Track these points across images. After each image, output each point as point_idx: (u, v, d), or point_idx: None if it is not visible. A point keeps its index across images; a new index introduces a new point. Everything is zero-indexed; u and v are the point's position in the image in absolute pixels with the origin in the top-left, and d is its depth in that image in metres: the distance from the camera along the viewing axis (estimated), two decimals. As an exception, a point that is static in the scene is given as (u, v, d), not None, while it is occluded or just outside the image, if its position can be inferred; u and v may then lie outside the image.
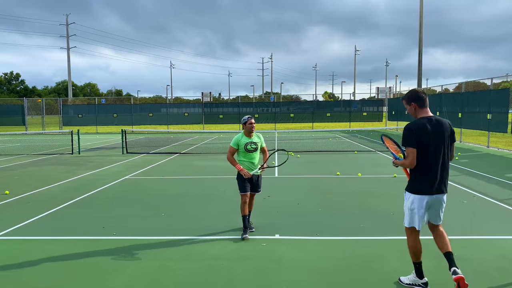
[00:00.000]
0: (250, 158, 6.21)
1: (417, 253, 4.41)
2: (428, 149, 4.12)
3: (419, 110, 4.25)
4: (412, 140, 4.09)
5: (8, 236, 6.33)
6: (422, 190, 4.23)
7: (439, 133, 4.16)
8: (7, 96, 76.64)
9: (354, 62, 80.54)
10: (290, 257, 5.29)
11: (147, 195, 9.10)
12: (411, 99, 4.26)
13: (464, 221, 6.88)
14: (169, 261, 5.19)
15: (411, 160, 4.11)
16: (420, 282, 4.41)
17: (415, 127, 4.13)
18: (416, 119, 4.24)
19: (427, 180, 4.19)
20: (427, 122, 4.16)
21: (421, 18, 28.81)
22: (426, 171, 4.16)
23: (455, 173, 11.45)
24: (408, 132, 4.13)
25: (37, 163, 14.90)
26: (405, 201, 4.45)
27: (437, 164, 4.18)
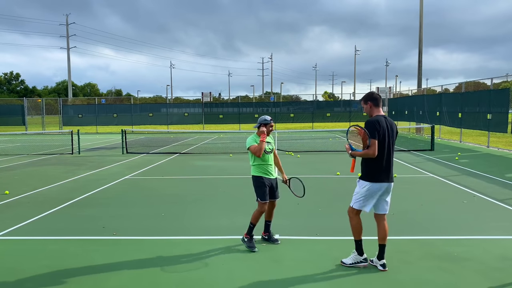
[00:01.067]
0: (267, 161, 5.63)
1: (359, 232, 4.94)
2: (384, 142, 4.69)
3: (374, 109, 4.84)
4: (375, 132, 4.63)
5: (8, 236, 6.33)
6: (379, 178, 4.72)
7: (391, 130, 4.78)
8: (7, 96, 76.67)
9: (354, 62, 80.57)
10: (290, 257, 5.29)
11: (147, 195, 9.10)
12: (368, 99, 4.87)
13: (464, 221, 6.87)
14: (169, 261, 5.19)
15: (374, 150, 4.62)
16: (361, 259, 4.90)
17: (377, 122, 4.69)
18: (375, 116, 4.79)
19: (384, 169, 4.72)
20: (383, 119, 4.76)
21: (421, 18, 28.81)
22: (383, 162, 4.70)
23: (455, 173, 11.45)
24: (372, 126, 4.66)
25: (37, 163, 14.90)
26: (358, 188, 4.89)
27: (390, 156, 4.77)
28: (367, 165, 4.77)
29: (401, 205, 7.95)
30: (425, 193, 9.01)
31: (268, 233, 5.89)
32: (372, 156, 4.63)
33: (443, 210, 7.54)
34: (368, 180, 4.76)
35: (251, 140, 5.64)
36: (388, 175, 4.75)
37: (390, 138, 4.75)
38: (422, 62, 29.40)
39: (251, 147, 5.57)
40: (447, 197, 8.56)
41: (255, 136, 5.70)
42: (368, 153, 4.64)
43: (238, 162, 14.32)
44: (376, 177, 4.71)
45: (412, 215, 7.18)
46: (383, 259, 4.82)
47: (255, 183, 5.65)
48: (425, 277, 4.61)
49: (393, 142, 4.81)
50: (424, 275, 4.66)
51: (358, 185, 4.90)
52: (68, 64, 57.81)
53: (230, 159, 15.46)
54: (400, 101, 33.12)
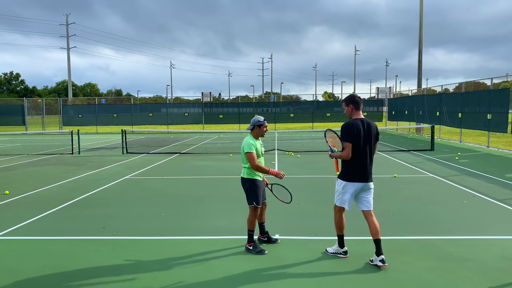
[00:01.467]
0: (261, 163, 5.50)
1: (341, 227, 5.25)
2: (360, 145, 4.92)
3: (355, 112, 5.07)
4: (349, 136, 4.89)
5: (8, 236, 6.33)
6: (353, 179, 5.00)
7: (368, 133, 5.00)
8: (7, 96, 76.66)
9: (354, 62, 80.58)
10: (290, 257, 5.29)
11: (147, 195, 9.10)
12: (349, 102, 5.07)
13: (464, 221, 6.87)
14: (169, 261, 5.19)
15: (348, 152, 4.90)
16: (341, 251, 5.27)
17: (352, 126, 4.92)
18: (351, 120, 5.04)
19: (358, 170, 4.98)
20: (360, 122, 4.97)
21: (421, 18, 28.81)
22: (358, 163, 4.97)
23: (455, 173, 11.45)
24: (347, 129, 4.93)
25: (37, 163, 14.90)
26: (336, 186, 5.19)
27: (366, 157, 5.01)
28: (344, 165, 5.07)
29: (401, 205, 7.96)
30: (425, 193, 9.01)
31: (266, 234, 5.85)
32: (346, 158, 4.93)
33: (443, 210, 7.54)
34: (343, 179, 5.07)
35: (250, 145, 5.40)
36: (363, 176, 5.00)
37: (367, 141, 4.98)
38: (422, 62, 29.41)
39: (252, 154, 5.35)
40: (447, 197, 8.55)
41: (252, 138, 5.51)
42: (342, 155, 4.96)
43: (238, 162, 14.29)
44: (350, 178, 5.00)
45: (412, 215, 7.17)
46: (382, 254, 4.90)
47: (250, 186, 5.47)
48: (425, 277, 4.61)
49: (372, 144, 5.04)
50: (424, 275, 4.66)
51: (336, 182, 5.20)
52: (68, 64, 57.85)
53: (230, 159, 15.47)
54: (400, 101, 33.11)
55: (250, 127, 5.59)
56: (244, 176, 5.52)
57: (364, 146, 4.95)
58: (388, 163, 13.90)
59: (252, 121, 5.58)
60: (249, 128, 5.61)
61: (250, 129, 5.59)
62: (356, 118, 5.04)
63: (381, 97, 38.36)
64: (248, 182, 5.49)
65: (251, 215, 5.54)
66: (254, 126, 5.54)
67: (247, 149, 5.38)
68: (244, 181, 5.55)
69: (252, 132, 5.57)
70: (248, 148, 5.38)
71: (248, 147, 5.39)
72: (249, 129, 5.61)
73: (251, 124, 5.58)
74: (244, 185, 5.57)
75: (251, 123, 5.57)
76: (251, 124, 5.58)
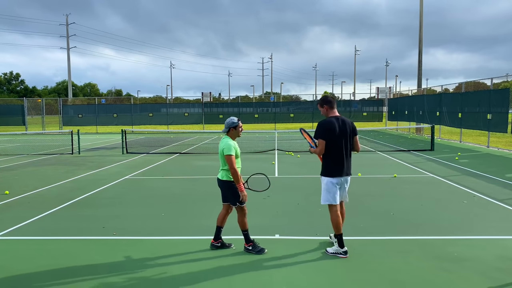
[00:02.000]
0: (238, 165, 5.42)
1: (338, 225, 5.33)
2: (336, 141, 5.24)
3: (330, 111, 5.41)
4: (322, 133, 5.22)
5: (8, 236, 6.33)
6: (334, 173, 5.31)
7: (343, 129, 5.32)
8: (7, 96, 76.66)
9: (354, 62, 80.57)
10: (290, 257, 5.29)
11: (147, 195, 9.10)
12: (324, 103, 5.43)
13: (464, 221, 6.87)
14: (169, 261, 5.19)
15: (321, 149, 5.27)
16: (341, 251, 5.31)
17: (326, 124, 5.29)
18: (327, 118, 5.38)
19: (337, 165, 5.30)
20: (335, 120, 5.31)
21: (421, 18, 28.82)
22: (336, 158, 5.29)
23: (455, 173, 11.45)
24: (320, 127, 5.27)
25: (37, 163, 14.90)
26: (322, 185, 5.42)
27: (342, 153, 5.30)
28: (324, 162, 5.38)
29: (401, 205, 7.96)
30: (425, 193, 9.01)
31: (220, 240, 5.64)
32: (319, 154, 5.32)
33: (443, 210, 7.54)
34: (325, 175, 5.40)
35: (231, 147, 5.31)
36: (342, 170, 5.35)
37: (343, 136, 5.30)
38: (422, 62, 29.42)
39: (232, 157, 5.27)
40: (447, 197, 8.55)
41: (230, 140, 5.42)
42: (316, 152, 5.33)
43: (238, 162, 14.30)
44: (332, 173, 5.33)
45: (412, 215, 7.17)
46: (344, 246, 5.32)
47: (231, 188, 5.38)
48: (425, 277, 4.61)
49: (348, 139, 5.37)
50: (424, 275, 4.67)
51: (321, 180, 5.49)
52: (68, 64, 57.85)
53: (230, 159, 15.45)
54: (400, 101, 33.11)
55: (226, 130, 5.49)
56: (224, 179, 5.43)
57: (340, 141, 5.27)
58: (388, 163, 13.90)
59: (227, 123, 5.48)
60: (224, 131, 5.50)
61: (226, 132, 5.49)
62: (331, 116, 5.38)
63: (381, 97, 38.36)
64: (227, 184, 5.41)
65: (240, 216, 5.46)
66: (229, 128, 5.47)
67: (228, 151, 5.28)
68: (222, 183, 5.46)
69: (229, 133, 5.49)
70: (228, 150, 5.29)
71: (228, 149, 5.29)
72: (224, 131, 5.50)
73: (226, 126, 5.48)
74: (222, 187, 5.49)
75: (226, 126, 5.48)
76: (226, 127, 5.48)
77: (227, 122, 5.50)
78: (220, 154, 5.44)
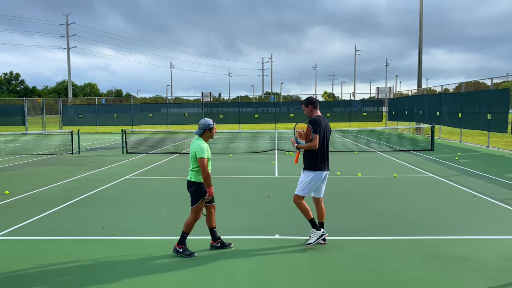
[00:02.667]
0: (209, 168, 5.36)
1: (307, 211, 5.67)
2: (323, 138, 5.67)
3: (314, 111, 5.84)
4: (317, 128, 5.61)
5: (8, 236, 6.33)
6: (321, 167, 5.65)
7: (326, 128, 5.80)
8: (7, 96, 76.65)
9: (354, 62, 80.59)
10: (290, 257, 5.29)
11: (147, 195, 9.10)
12: (308, 103, 5.87)
13: (464, 221, 6.87)
14: (169, 261, 5.19)
15: (316, 143, 5.56)
16: (320, 234, 5.63)
17: (319, 120, 5.69)
18: (316, 116, 5.78)
19: (323, 160, 5.68)
20: (321, 118, 5.77)
21: (421, 18, 28.83)
22: (323, 153, 5.67)
23: (455, 173, 11.45)
24: (316, 123, 5.65)
25: (37, 163, 14.90)
26: (304, 177, 5.68)
27: (325, 149, 5.71)
28: (310, 157, 5.65)
29: (401, 205, 7.96)
30: (425, 193, 9.01)
31: (219, 240, 5.63)
32: (314, 148, 5.55)
33: (443, 210, 7.54)
34: (312, 169, 5.62)
35: (204, 149, 5.24)
36: (326, 165, 5.71)
37: (326, 135, 5.75)
38: (422, 62, 29.42)
39: (205, 160, 5.21)
40: (447, 197, 8.56)
41: (203, 142, 5.36)
42: (311, 146, 5.56)
43: (238, 162, 14.33)
44: (320, 167, 5.64)
45: (412, 215, 7.17)
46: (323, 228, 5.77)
47: (198, 189, 5.33)
48: (425, 277, 4.61)
49: (328, 137, 5.83)
50: (424, 275, 4.67)
51: (303, 175, 5.70)
52: (68, 64, 57.84)
53: (230, 159, 15.47)
54: (400, 101, 33.12)
55: (200, 131, 5.40)
56: (192, 180, 5.36)
57: (324, 138, 5.71)
58: (388, 163, 13.90)
59: (202, 125, 5.39)
60: (198, 132, 5.42)
61: (200, 133, 5.41)
62: (317, 115, 5.80)
63: (381, 97, 38.35)
64: (195, 185, 5.34)
65: (192, 218, 5.41)
66: (205, 130, 5.39)
67: (201, 154, 5.20)
68: (191, 184, 5.38)
69: (203, 135, 5.41)
70: (201, 153, 5.21)
71: (201, 152, 5.21)
72: (198, 133, 5.42)
73: (200, 128, 5.40)
74: (190, 188, 5.41)
75: (201, 127, 5.38)
76: (200, 128, 5.40)
77: (202, 124, 5.41)
78: (191, 155, 5.35)
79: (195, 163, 5.31)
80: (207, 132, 5.41)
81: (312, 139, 5.57)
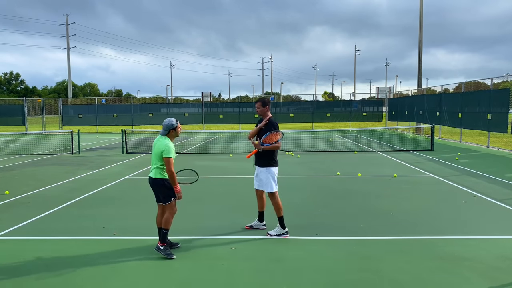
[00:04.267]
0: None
1: (281, 208, 6.09)
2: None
3: (267, 112, 6.21)
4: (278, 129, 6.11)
5: (8, 236, 6.33)
6: (277, 163, 6.25)
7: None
8: (7, 96, 76.64)
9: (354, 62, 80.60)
10: (290, 257, 5.29)
11: (147, 195, 9.08)
12: (266, 104, 6.22)
13: (464, 221, 6.87)
14: (169, 262, 5.19)
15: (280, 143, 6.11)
16: (284, 231, 6.06)
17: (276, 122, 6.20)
18: (271, 117, 6.22)
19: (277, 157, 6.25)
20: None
21: (421, 18, 28.82)
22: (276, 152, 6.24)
23: (455, 173, 11.45)
24: (277, 124, 6.17)
25: (37, 163, 14.90)
26: (270, 174, 6.13)
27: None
28: (272, 155, 6.13)
29: (401, 205, 7.96)
30: (425, 193, 9.02)
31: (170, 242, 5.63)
32: (279, 148, 6.14)
33: (443, 210, 7.55)
34: (275, 166, 6.20)
35: (171, 149, 5.31)
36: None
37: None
38: (422, 62, 29.42)
39: (171, 160, 5.28)
40: (447, 197, 8.56)
41: (170, 141, 5.41)
42: (277, 146, 6.07)
43: (238, 162, 14.32)
44: (276, 163, 6.22)
45: (412, 215, 7.18)
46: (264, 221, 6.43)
47: (165, 184, 5.41)
48: (425, 277, 4.62)
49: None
50: (424, 275, 4.67)
51: (267, 172, 6.11)
52: (68, 64, 57.83)
53: (230, 159, 15.47)
54: (400, 101, 33.11)
55: (165, 132, 5.43)
56: (157, 177, 5.39)
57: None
58: (388, 163, 13.90)
59: (166, 126, 5.41)
60: (163, 133, 5.44)
61: (165, 134, 5.43)
62: (270, 116, 6.24)
63: (381, 97, 38.34)
64: (161, 182, 5.40)
65: (169, 214, 5.45)
66: (169, 130, 5.42)
67: (168, 153, 5.26)
68: (155, 181, 5.42)
69: (168, 135, 5.45)
70: (168, 152, 5.26)
71: (169, 152, 5.26)
72: (164, 133, 5.44)
73: (165, 129, 5.42)
74: (155, 185, 5.46)
75: (165, 128, 5.41)
76: (165, 129, 5.42)
77: (166, 124, 5.42)
78: (156, 153, 5.38)
79: (160, 160, 5.36)
80: (172, 132, 5.45)
81: (279, 140, 6.07)
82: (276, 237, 6.00)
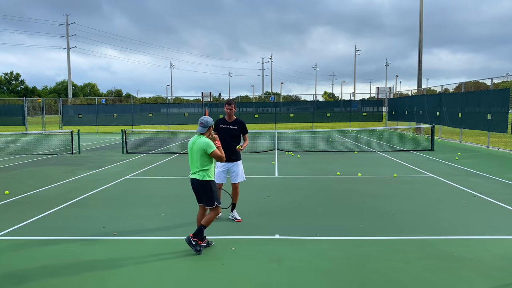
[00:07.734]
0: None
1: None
2: None
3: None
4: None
5: (8, 236, 6.33)
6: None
7: None
8: (7, 96, 76.63)
9: (354, 62, 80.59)
10: (290, 257, 5.29)
11: (147, 195, 9.10)
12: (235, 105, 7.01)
13: (464, 221, 6.87)
14: (169, 262, 5.19)
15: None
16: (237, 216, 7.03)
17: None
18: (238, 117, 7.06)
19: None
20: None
21: (421, 18, 28.82)
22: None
23: (455, 173, 11.45)
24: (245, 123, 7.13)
25: (37, 163, 14.90)
26: (240, 166, 7.04)
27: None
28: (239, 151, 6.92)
29: (401, 205, 7.96)
30: (425, 193, 9.01)
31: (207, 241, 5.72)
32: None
33: (443, 210, 7.54)
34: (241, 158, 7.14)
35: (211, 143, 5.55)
36: None
37: None
38: (422, 62, 29.41)
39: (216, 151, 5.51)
40: (447, 197, 8.56)
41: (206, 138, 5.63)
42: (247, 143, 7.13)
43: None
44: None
45: (412, 215, 7.18)
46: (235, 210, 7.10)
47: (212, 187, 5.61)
48: (425, 277, 4.62)
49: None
50: (424, 275, 4.67)
51: (239, 164, 7.01)
52: (68, 64, 57.84)
53: (230, 159, 15.45)
54: (400, 101, 33.10)
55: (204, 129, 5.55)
56: (204, 179, 5.48)
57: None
58: (388, 163, 13.90)
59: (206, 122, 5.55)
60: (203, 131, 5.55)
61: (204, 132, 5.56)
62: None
63: (381, 97, 38.31)
64: (207, 184, 5.50)
65: (215, 214, 5.63)
66: (209, 127, 5.57)
67: (211, 148, 5.42)
68: (201, 183, 5.50)
69: (206, 133, 5.59)
70: (211, 147, 5.42)
71: (211, 146, 5.42)
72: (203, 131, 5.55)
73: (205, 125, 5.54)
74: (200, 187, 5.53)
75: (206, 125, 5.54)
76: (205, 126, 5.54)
77: (206, 121, 5.56)
78: (198, 152, 5.45)
79: (203, 160, 5.45)
80: (210, 129, 5.64)
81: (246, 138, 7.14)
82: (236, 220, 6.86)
